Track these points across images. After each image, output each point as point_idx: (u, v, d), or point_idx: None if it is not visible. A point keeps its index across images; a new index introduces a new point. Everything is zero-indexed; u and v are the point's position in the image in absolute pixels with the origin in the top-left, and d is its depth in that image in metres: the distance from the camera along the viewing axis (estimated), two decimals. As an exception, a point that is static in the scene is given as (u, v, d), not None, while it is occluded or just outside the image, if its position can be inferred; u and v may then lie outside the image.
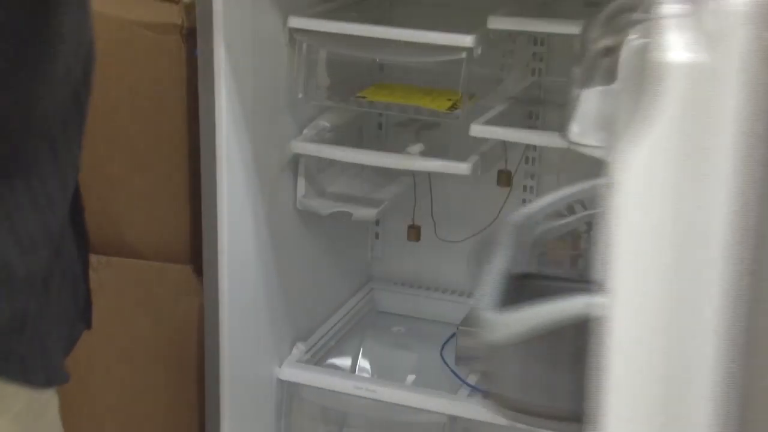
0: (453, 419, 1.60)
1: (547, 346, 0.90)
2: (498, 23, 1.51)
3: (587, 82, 1.06)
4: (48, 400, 1.03)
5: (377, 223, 2.03)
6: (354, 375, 1.73)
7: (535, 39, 1.81)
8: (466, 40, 1.45)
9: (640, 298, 0.75)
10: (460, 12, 1.56)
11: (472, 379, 1.64)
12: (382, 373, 1.80)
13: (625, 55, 0.88)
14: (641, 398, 0.77)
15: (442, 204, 1.86)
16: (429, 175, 1.77)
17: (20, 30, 0.91)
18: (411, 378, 1.79)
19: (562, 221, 1.43)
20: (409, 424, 1.71)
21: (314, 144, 1.63)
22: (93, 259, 1.97)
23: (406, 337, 1.91)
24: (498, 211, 1.83)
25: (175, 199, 1.69)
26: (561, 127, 1.11)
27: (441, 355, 1.76)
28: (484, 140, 1.57)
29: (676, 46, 0.73)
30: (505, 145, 1.70)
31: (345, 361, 1.84)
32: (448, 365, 1.70)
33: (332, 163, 1.68)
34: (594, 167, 1.57)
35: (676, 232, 0.74)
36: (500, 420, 1.53)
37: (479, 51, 1.47)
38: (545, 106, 1.79)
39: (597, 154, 1.02)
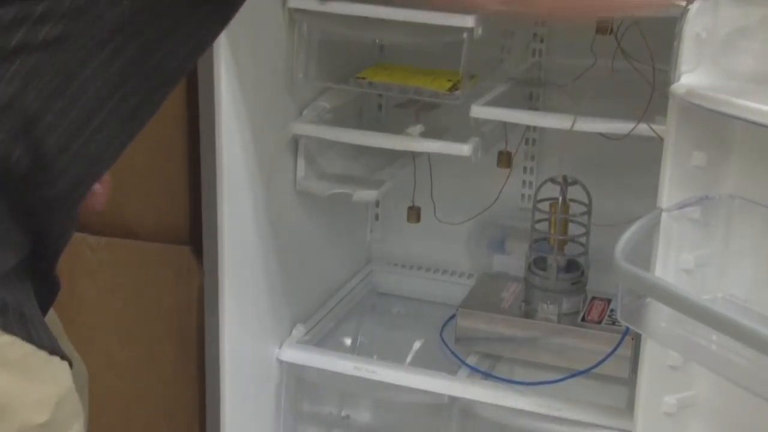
0: (453, 399, 1.60)
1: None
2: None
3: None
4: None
5: (377, 204, 2.03)
6: (354, 356, 1.73)
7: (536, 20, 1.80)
8: (467, 21, 1.44)
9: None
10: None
11: (471, 360, 1.65)
12: (381, 354, 1.80)
13: None
14: None
15: (442, 185, 1.86)
16: (429, 157, 1.77)
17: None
18: (411, 359, 1.80)
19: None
20: (409, 405, 1.72)
21: (314, 125, 1.62)
22: (92, 239, 1.97)
23: (406, 318, 1.91)
24: (498, 193, 1.83)
25: (175, 180, 1.69)
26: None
27: (441, 336, 1.76)
28: (484, 121, 1.56)
29: None
30: (505, 126, 1.69)
31: (345, 342, 1.84)
32: (447, 346, 1.71)
33: (332, 144, 1.68)
34: (594, 149, 1.58)
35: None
36: (500, 400, 1.54)
37: (480, 31, 1.46)
38: (546, 87, 1.79)
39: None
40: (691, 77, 1.16)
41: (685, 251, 1.23)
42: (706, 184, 1.23)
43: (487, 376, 1.63)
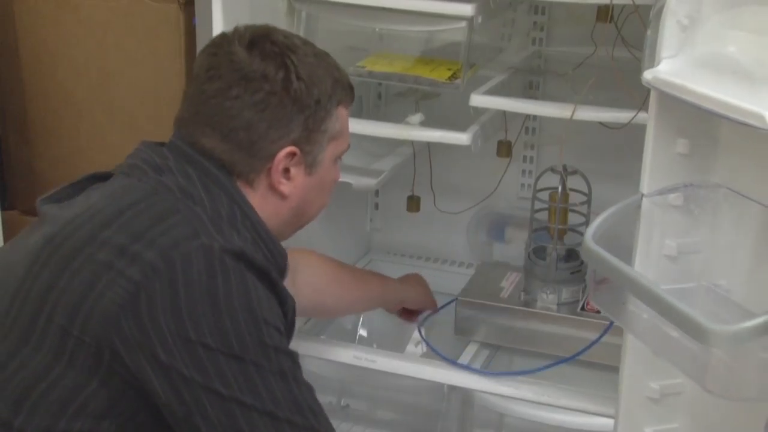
0: (452, 389, 1.60)
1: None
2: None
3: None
4: None
5: (377, 193, 2.03)
6: (353, 345, 1.74)
7: (536, 8, 1.80)
8: (467, 9, 1.44)
9: None
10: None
11: (471, 349, 1.64)
12: (381, 343, 1.80)
13: None
14: None
15: (442, 175, 1.86)
16: (428, 146, 1.77)
17: None
18: (410, 348, 1.80)
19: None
20: (408, 394, 1.72)
21: (313, 114, 1.62)
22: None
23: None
24: (498, 182, 1.83)
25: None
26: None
27: (419, 329, 1.76)
28: (484, 110, 1.56)
29: None
30: (505, 115, 1.69)
31: (344, 332, 1.84)
32: (421, 336, 1.70)
33: (331, 133, 1.67)
34: (594, 138, 1.57)
35: None
36: (498, 389, 1.54)
37: (480, 20, 1.45)
38: (545, 76, 1.78)
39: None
40: (670, 63, 1.16)
41: (668, 238, 1.23)
42: (692, 172, 1.22)
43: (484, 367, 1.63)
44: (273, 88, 1.14)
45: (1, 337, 1.06)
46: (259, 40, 1.17)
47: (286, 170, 1.18)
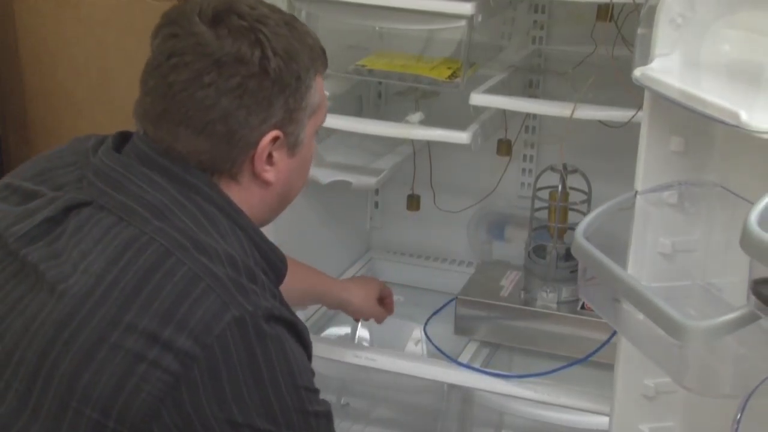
0: (452, 387, 1.60)
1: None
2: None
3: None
4: None
5: (377, 192, 2.03)
6: (353, 344, 1.74)
7: (536, 6, 1.80)
8: (467, 8, 1.44)
9: None
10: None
11: (470, 348, 1.64)
12: (381, 342, 1.80)
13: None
14: None
15: (442, 173, 1.86)
16: (428, 145, 1.77)
17: None
18: (410, 347, 1.80)
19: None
20: (408, 393, 1.72)
21: (313, 113, 1.62)
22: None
23: (405, 306, 1.91)
24: (498, 181, 1.83)
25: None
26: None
27: (424, 329, 1.76)
28: (484, 109, 1.56)
29: None
30: (505, 114, 1.69)
31: (344, 330, 1.84)
32: (431, 341, 1.70)
33: (331, 132, 1.68)
34: (594, 137, 1.57)
35: None
36: (498, 388, 1.54)
37: (479, 19, 1.45)
38: (546, 75, 1.78)
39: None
40: (663, 62, 1.16)
41: (663, 236, 1.24)
42: (687, 170, 1.23)
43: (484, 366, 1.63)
44: (250, 71, 1.02)
45: (29, 420, 0.97)
46: (223, 15, 1.03)
47: (269, 156, 1.08)
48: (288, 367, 1.00)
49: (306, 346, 1.07)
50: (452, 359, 1.58)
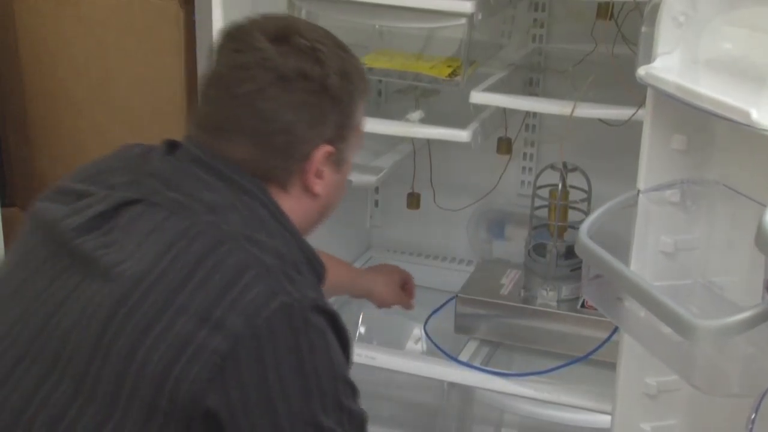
0: (452, 385, 1.60)
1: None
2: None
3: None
4: None
5: (376, 190, 2.03)
6: (353, 342, 1.73)
7: (536, 5, 1.80)
8: (467, 6, 1.44)
9: None
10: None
11: (471, 346, 1.65)
12: (381, 340, 1.80)
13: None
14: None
15: (442, 172, 1.86)
16: (429, 143, 1.77)
17: None
18: (410, 345, 1.80)
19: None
20: (408, 391, 1.72)
21: (313, 111, 1.62)
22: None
23: (406, 304, 1.91)
24: (498, 179, 1.83)
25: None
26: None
27: (424, 328, 1.76)
28: (484, 107, 1.56)
29: None
30: (505, 112, 1.69)
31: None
32: (430, 339, 1.70)
33: (331, 130, 1.67)
34: (594, 135, 1.57)
35: None
36: (498, 386, 1.54)
37: (480, 17, 1.46)
38: (546, 73, 1.78)
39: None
40: (666, 60, 1.16)
41: (665, 234, 1.24)
42: (689, 168, 1.23)
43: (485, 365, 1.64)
44: (311, 86, 1.09)
45: (85, 402, 1.00)
46: (286, 34, 1.10)
47: (318, 169, 1.13)
48: (328, 357, 1.03)
49: (345, 345, 1.09)
50: (452, 357, 1.58)
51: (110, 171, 1.14)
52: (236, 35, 1.12)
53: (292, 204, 1.12)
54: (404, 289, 1.69)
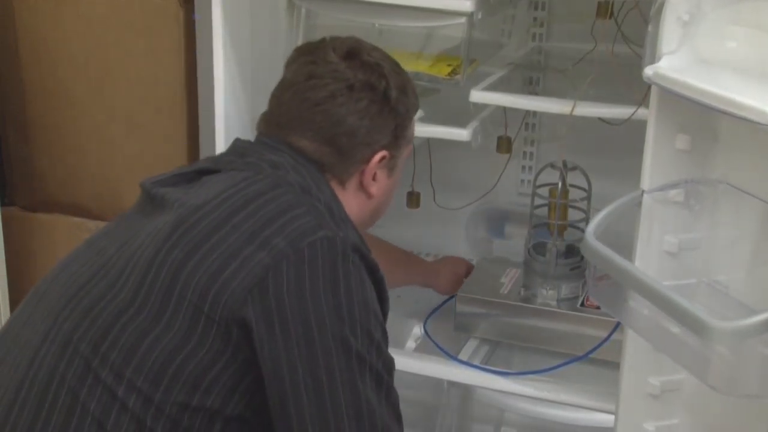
0: (452, 384, 1.60)
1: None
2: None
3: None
4: None
5: (376, 189, 2.03)
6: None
7: (536, 4, 1.80)
8: (466, 5, 1.44)
9: None
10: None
11: (470, 345, 1.65)
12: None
13: None
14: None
15: (442, 171, 1.86)
16: (428, 142, 1.77)
17: None
18: (410, 344, 1.80)
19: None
20: (409, 390, 1.72)
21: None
22: (91, 224, 1.97)
23: (406, 303, 1.91)
24: (498, 178, 1.83)
25: (174, 163, 1.69)
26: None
27: (424, 327, 1.76)
28: (484, 106, 1.56)
29: None
30: (504, 111, 1.69)
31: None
32: (430, 337, 1.70)
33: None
34: (594, 134, 1.57)
35: None
36: (498, 385, 1.54)
37: (479, 16, 1.46)
38: (546, 72, 1.78)
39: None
40: (670, 59, 1.16)
41: (669, 234, 1.23)
42: (692, 168, 1.22)
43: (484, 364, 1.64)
44: (375, 97, 1.24)
45: (136, 313, 1.10)
46: (355, 52, 1.26)
47: (375, 172, 1.27)
48: (362, 290, 1.12)
49: (381, 292, 1.17)
50: (452, 356, 1.58)
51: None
52: (310, 51, 1.28)
53: (347, 199, 1.25)
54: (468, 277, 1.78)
